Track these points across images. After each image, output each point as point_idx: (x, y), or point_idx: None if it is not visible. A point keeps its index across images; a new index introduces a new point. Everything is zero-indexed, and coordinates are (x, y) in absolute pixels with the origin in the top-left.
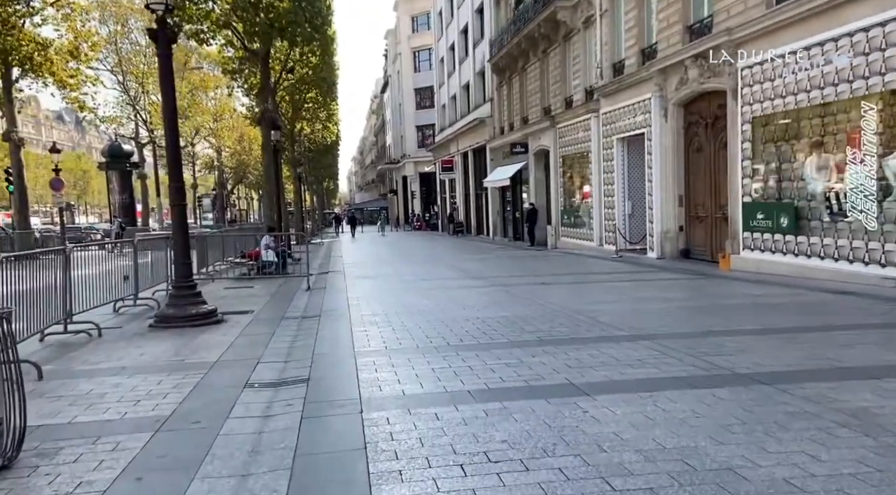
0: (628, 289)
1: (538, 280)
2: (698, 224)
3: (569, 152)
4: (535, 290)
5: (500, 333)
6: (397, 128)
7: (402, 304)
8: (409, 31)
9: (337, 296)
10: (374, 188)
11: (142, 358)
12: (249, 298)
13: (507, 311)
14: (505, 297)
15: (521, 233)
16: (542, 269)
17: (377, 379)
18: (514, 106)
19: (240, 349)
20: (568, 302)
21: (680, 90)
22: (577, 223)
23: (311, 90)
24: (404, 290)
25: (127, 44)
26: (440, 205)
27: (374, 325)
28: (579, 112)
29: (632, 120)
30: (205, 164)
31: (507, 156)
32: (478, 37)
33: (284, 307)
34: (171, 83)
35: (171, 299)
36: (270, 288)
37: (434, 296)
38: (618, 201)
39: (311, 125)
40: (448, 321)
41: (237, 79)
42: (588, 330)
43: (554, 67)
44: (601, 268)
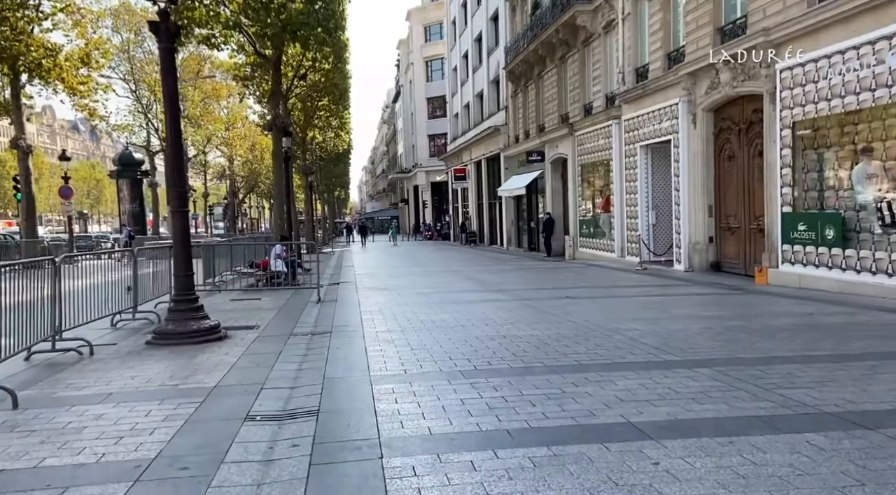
0: (663, 305)
1: (562, 293)
2: (730, 235)
3: (588, 160)
4: (560, 305)
5: (531, 355)
6: (409, 137)
7: (420, 320)
8: (421, 41)
9: (349, 310)
10: (385, 197)
11: (132, 382)
12: (256, 311)
13: (534, 329)
14: (530, 313)
15: (537, 243)
16: (563, 282)
17: (398, 413)
18: (530, 114)
19: (242, 371)
20: (600, 319)
21: (710, 94)
22: (596, 233)
23: (324, 97)
24: (420, 304)
25: (140, 52)
26: (452, 215)
27: (391, 344)
28: (599, 119)
29: (657, 126)
30: (216, 173)
31: (523, 165)
32: (492, 44)
33: (293, 322)
34: (173, 80)
35: (171, 314)
36: (279, 300)
37: (453, 311)
38: (641, 211)
39: (322, 133)
40: (471, 340)
41: (249, 86)
42: (631, 352)
43: (572, 74)
44: (626, 281)
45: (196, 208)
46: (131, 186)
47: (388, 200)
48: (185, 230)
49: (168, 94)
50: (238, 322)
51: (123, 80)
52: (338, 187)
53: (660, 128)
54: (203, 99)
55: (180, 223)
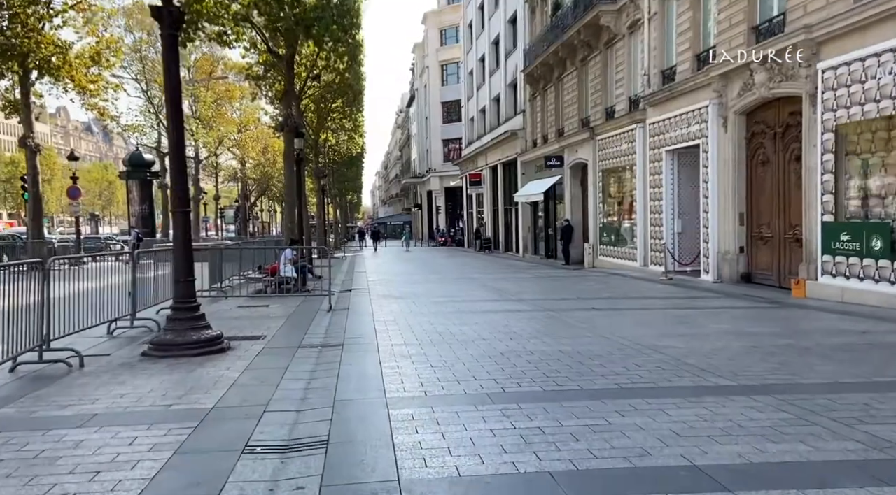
0: (698, 319)
1: (586, 304)
2: (762, 245)
3: (610, 165)
4: (587, 317)
5: (565, 376)
6: (423, 142)
7: (437, 332)
8: (437, 45)
9: (362, 320)
10: (398, 202)
11: (121, 401)
12: (263, 319)
13: (563, 344)
14: (556, 326)
15: (554, 250)
16: (586, 291)
17: (419, 446)
18: (549, 118)
19: (244, 390)
20: (633, 333)
21: (743, 97)
22: (618, 241)
23: (338, 99)
24: (437, 314)
25: (152, 52)
26: (466, 221)
27: (408, 360)
28: (622, 123)
29: (684, 130)
30: (228, 176)
31: (540, 170)
32: (510, 47)
33: (302, 332)
34: (175, 69)
35: (170, 323)
36: (288, 307)
37: (473, 322)
38: (666, 218)
39: (335, 136)
40: (496, 356)
41: (261, 86)
42: (676, 374)
43: (594, 76)
44: (653, 292)
45: (207, 211)
46: (141, 187)
47: (401, 205)
48: (187, 232)
49: (170, 85)
50: (243, 331)
51: (135, 80)
52: (350, 191)
53: (687, 132)
54: (215, 100)
55: (182, 224)
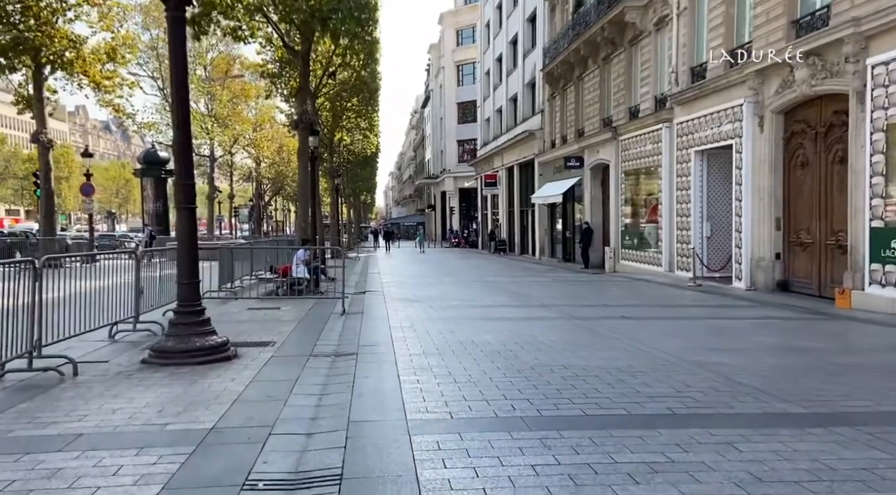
0: (741, 331)
1: (615, 312)
2: (801, 252)
3: (633, 167)
4: (619, 327)
5: (607, 397)
6: (437, 142)
7: (458, 340)
8: (453, 45)
9: (377, 325)
10: (412, 203)
11: (112, 417)
12: (274, 323)
13: (598, 358)
14: (587, 336)
15: (572, 253)
16: (612, 298)
17: (449, 486)
18: (568, 117)
19: (248, 406)
20: (673, 346)
21: (782, 94)
22: (641, 245)
23: (353, 97)
24: (457, 319)
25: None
26: (480, 222)
27: (429, 373)
28: (647, 122)
29: (715, 130)
30: (243, 175)
31: (559, 171)
32: (528, 46)
33: (314, 338)
34: (181, 54)
35: (172, 328)
36: (300, 310)
37: (495, 330)
38: (694, 222)
39: (350, 135)
40: (525, 370)
41: (276, 83)
42: (736, 398)
43: (617, 75)
44: (683, 299)
45: (221, 209)
46: (155, 185)
47: (415, 206)
48: (192, 230)
49: (176, 70)
50: (251, 336)
51: (152, 78)
52: (364, 191)
53: (719, 132)
54: (231, 99)
55: (186, 222)
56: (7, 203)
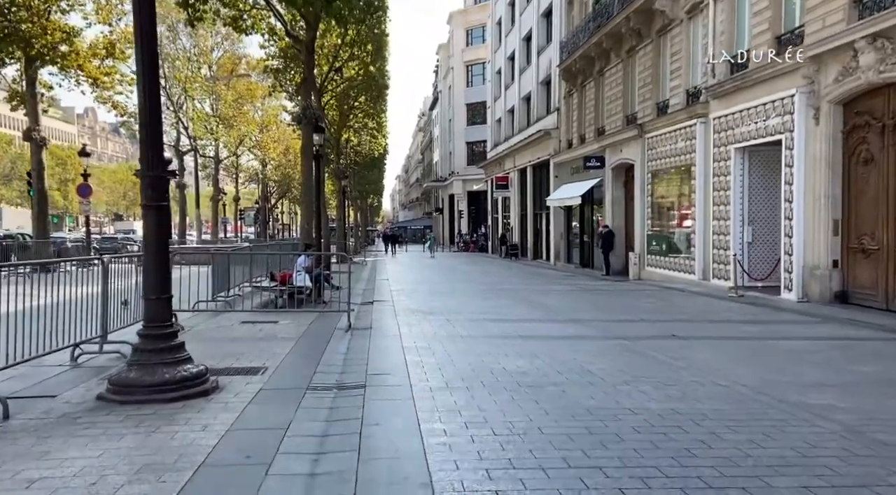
0: (824, 357)
1: (659, 328)
2: (863, 259)
3: (661, 166)
4: (674, 349)
5: (710, 464)
6: (446, 144)
7: (488, 368)
8: (462, 45)
9: (388, 345)
10: (419, 206)
11: (26, 494)
12: (268, 342)
13: (671, 397)
14: (641, 363)
15: (590, 259)
16: (648, 311)
17: None
18: (587, 115)
19: (218, 475)
20: (754, 378)
21: (842, 83)
22: (670, 251)
23: (361, 95)
24: (480, 339)
25: (172, 47)
26: (490, 225)
27: (457, 417)
28: (679, 118)
29: (760, 124)
30: (249, 177)
31: (577, 172)
32: (543, 43)
33: (313, 362)
34: (149, 5)
35: (136, 355)
36: (300, 325)
37: (530, 353)
38: (734, 226)
39: (357, 136)
40: (582, 415)
41: (280, 80)
42: (886, 467)
43: (643, 68)
44: (730, 313)
45: (226, 212)
46: None
47: (422, 209)
48: (162, 234)
49: (142, 31)
50: (240, 360)
51: None
52: (371, 194)
53: (764, 126)
54: (237, 99)
55: (155, 223)
56: (13, 204)
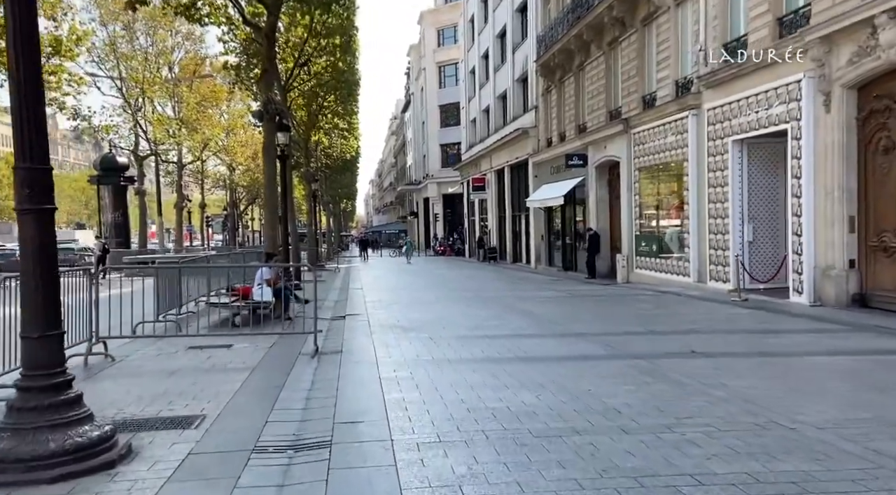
0: (879, 378)
1: (674, 343)
2: (885, 258)
3: (649, 162)
4: (701, 372)
5: None
6: (419, 147)
7: (487, 407)
8: (434, 45)
9: (361, 376)
10: (393, 211)
11: None
12: (216, 374)
13: (733, 453)
14: (670, 392)
15: (573, 261)
16: (650, 319)
17: None
18: (567, 112)
19: None
20: (821, 416)
21: (858, 64)
22: (661, 252)
23: (330, 93)
24: (472, 363)
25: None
26: (467, 229)
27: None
28: (669, 110)
29: (761, 114)
30: (216, 182)
31: (557, 172)
32: (518, 39)
33: (268, 404)
34: None
35: (11, 415)
36: (258, 349)
37: (536, 382)
38: (733, 224)
39: (328, 137)
40: (627, 486)
41: (242, 75)
42: None
43: (627, 60)
44: (742, 322)
45: (192, 219)
46: (114, 194)
47: (396, 214)
48: (46, 248)
49: None
50: (173, 404)
51: (110, 79)
52: (344, 199)
53: (766, 116)
54: (200, 101)
55: (37, 234)
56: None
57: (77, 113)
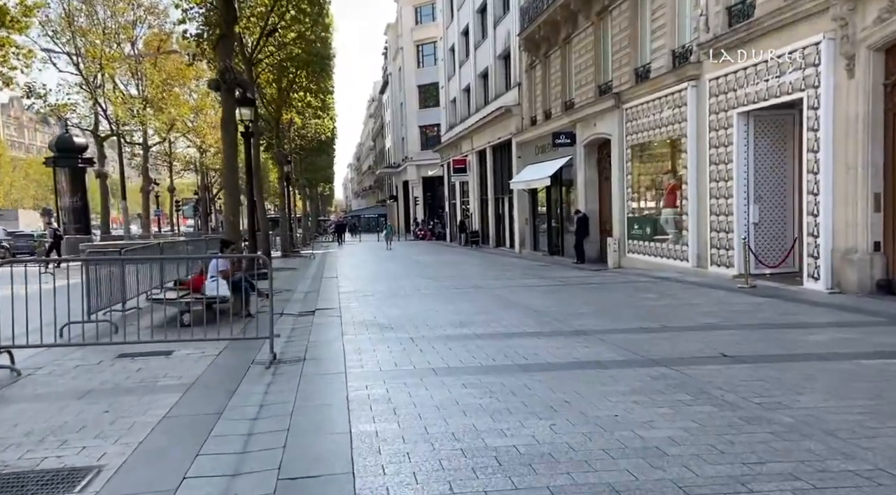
0: None
1: (696, 343)
2: None
3: (643, 139)
4: (746, 384)
5: None
6: (398, 129)
7: (488, 446)
8: (411, 24)
9: (324, 399)
10: (372, 195)
11: None
12: (140, 396)
13: None
14: (719, 418)
15: (560, 246)
16: (659, 313)
17: None
18: (553, 89)
19: None
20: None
21: (888, 22)
22: (656, 235)
23: (301, 69)
24: (462, 374)
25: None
26: (448, 212)
27: None
28: (664, 83)
29: (772, 83)
30: (185, 165)
31: (542, 151)
32: (500, 13)
33: (193, 447)
34: None
35: None
36: (203, 356)
37: (543, 404)
38: (738, 204)
39: (301, 117)
40: None
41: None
42: None
43: (619, 30)
44: (759, 313)
45: (160, 203)
46: (72, 176)
47: (375, 198)
48: None
49: None
50: (64, 448)
51: (67, 54)
52: (322, 182)
53: (777, 84)
54: (165, 79)
55: None
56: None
57: (31, 90)
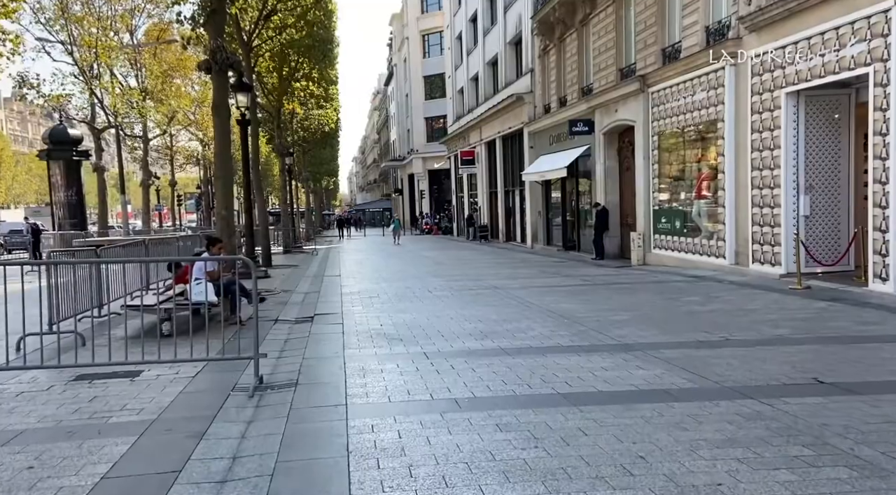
0: None
1: (775, 363)
2: None
3: (672, 125)
4: (869, 428)
5: None
6: (403, 121)
7: None
8: (417, 13)
9: (318, 447)
10: (377, 188)
11: None
12: (77, 445)
13: None
14: (856, 481)
15: (576, 241)
16: (710, 320)
17: None
18: (569, 74)
19: None
20: None
21: None
22: (685, 229)
23: (303, 57)
24: (494, 410)
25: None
26: (455, 205)
27: None
28: (697, 62)
29: (829, 57)
30: (188, 158)
31: (557, 141)
32: None
33: None
34: None
35: None
36: (174, 380)
37: (610, 458)
38: (786, 195)
39: (303, 108)
40: None
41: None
42: None
43: (643, 7)
44: (826, 322)
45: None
46: (66, 170)
47: (380, 191)
48: None
49: None
50: None
51: (61, 43)
52: (326, 175)
53: (836, 59)
54: (165, 70)
55: None
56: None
57: (24, 80)
